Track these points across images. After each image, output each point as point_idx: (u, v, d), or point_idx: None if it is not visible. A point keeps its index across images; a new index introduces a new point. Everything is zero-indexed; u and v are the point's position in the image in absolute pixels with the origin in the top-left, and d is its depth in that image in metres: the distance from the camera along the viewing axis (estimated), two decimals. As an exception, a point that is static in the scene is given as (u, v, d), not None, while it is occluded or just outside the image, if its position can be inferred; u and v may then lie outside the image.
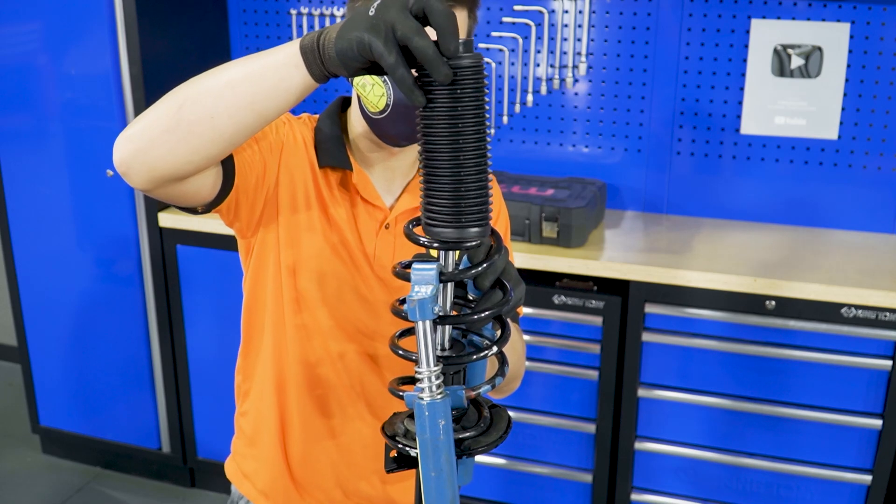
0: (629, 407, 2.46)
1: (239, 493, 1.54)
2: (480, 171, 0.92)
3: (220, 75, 1.02)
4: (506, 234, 1.49)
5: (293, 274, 1.36)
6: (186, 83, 1.05)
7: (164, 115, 1.05)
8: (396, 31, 0.84)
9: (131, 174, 1.09)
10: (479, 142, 0.92)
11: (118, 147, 1.09)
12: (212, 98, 1.01)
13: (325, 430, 1.44)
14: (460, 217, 0.91)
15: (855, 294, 2.20)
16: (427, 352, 0.92)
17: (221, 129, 1.02)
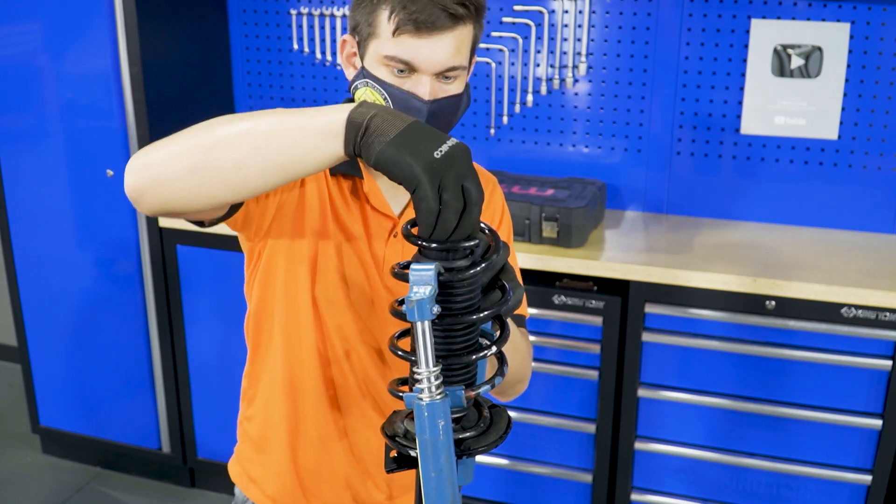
0: (629, 407, 2.46)
1: (244, 497, 1.53)
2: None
3: (257, 124, 0.99)
4: (508, 237, 1.49)
5: (307, 280, 1.35)
6: (220, 122, 1.02)
7: (192, 153, 1.01)
8: (447, 189, 0.88)
9: (142, 202, 1.06)
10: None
11: (133, 172, 1.04)
12: (245, 148, 0.99)
13: (336, 436, 1.43)
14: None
15: (855, 294, 2.19)
16: (426, 352, 0.92)
17: (246, 181, 1.01)
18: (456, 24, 1.22)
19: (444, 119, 1.29)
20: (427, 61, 1.23)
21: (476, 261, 0.97)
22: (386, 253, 1.37)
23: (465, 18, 1.23)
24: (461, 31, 1.23)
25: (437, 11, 1.20)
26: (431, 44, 1.22)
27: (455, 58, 1.24)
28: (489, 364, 1.08)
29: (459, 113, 1.33)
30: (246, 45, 3.09)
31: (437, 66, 1.24)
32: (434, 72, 1.24)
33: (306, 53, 3.03)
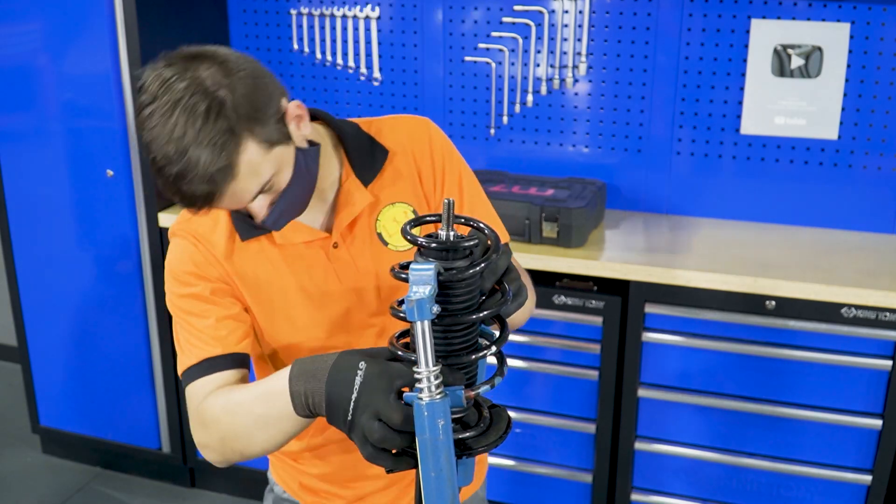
0: (629, 407, 2.46)
1: (281, 489, 1.59)
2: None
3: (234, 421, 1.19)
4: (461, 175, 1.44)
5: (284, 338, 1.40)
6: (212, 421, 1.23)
7: (216, 449, 1.24)
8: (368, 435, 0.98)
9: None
10: None
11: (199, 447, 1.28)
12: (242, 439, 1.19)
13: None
14: None
15: (855, 294, 2.19)
16: (426, 352, 0.92)
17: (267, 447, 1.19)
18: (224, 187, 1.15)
19: (295, 201, 1.26)
20: (232, 207, 1.22)
21: (475, 261, 0.97)
22: (334, 269, 1.36)
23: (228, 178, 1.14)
24: (239, 176, 1.16)
25: (193, 198, 1.16)
26: (221, 204, 1.19)
27: (254, 186, 1.18)
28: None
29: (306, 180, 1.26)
30: (246, 46, 3.09)
31: (243, 204, 1.21)
32: (247, 204, 1.21)
33: (306, 53, 3.03)
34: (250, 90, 1.17)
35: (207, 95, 1.13)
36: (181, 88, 1.13)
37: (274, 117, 1.20)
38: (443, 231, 0.96)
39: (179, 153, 1.12)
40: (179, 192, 1.16)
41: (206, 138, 1.12)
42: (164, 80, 1.15)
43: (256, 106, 1.17)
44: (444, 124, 2.95)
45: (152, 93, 1.15)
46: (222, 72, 1.15)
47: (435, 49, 2.89)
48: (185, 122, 1.11)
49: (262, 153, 1.17)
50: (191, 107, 1.12)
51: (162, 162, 1.14)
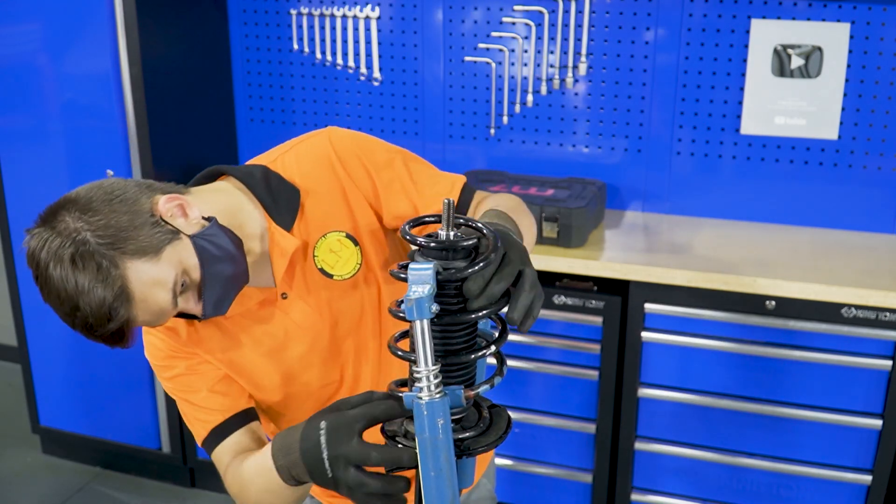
0: (629, 407, 2.46)
1: None
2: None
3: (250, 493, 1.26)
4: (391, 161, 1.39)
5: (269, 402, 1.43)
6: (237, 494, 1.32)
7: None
8: (350, 485, 1.03)
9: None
10: None
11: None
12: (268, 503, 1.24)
13: None
14: None
15: (855, 294, 2.19)
16: (425, 351, 0.92)
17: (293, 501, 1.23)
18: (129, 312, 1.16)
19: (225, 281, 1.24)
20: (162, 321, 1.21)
21: (475, 260, 0.97)
22: (287, 317, 1.36)
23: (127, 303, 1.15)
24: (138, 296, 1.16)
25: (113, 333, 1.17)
26: (146, 324, 1.20)
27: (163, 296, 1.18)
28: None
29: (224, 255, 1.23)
30: (246, 45, 3.09)
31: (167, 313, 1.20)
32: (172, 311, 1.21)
33: (306, 53, 3.03)
34: (107, 216, 1.17)
35: (71, 244, 1.14)
36: (48, 244, 1.15)
37: (146, 226, 1.18)
38: (442, 231, 0.96)
39: (73, 307, 1.15)
40: (98, 336, 1.18)
41: (87, 282, 1.13)
42: (37, 241, 1.17)
43: (119, 227, 1.16)
44: (444, 124, 2.95)
45: (33, 259, 1.17)
46: (77, 214, 1.18)
47: (435, 49, 2.89)
48: (62, 278, 1.13)
49: (148, 265, 1.16)
50: (59, 260, 1.13)
51: (67, 320, 1.18)
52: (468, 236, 0.97)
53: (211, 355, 1.37)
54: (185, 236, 1.20)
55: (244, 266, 1.27)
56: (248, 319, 1.36)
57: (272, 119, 3.14)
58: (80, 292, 1.13)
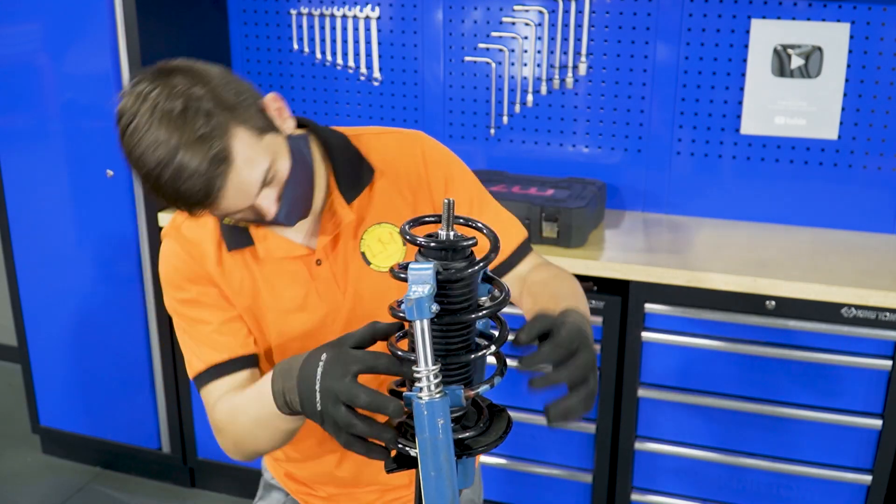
0: (629, 407, 2.46)
1: (270, 475, 1.63)
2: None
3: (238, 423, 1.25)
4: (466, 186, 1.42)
5: (271, 353, 1.42)
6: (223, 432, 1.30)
7: (233, 451, 1.31)
8: (338, 421, 1.00)
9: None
10: None
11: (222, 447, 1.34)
12: (249, 440, 1.25)
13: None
14: None
15: (855, 294, 2.19)
16: (425, 351, 0.92)
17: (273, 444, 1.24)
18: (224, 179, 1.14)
19: (301, 191, 1.26)
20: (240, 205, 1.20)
21: (474, 260, 0.97)
22: (316, 287, 1.36)
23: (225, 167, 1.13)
24: (237, 163, 1.15)
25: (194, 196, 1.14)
26: (226, 200, 1.17)
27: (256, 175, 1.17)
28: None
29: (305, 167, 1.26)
30: (246, 45, 3.09)
31: (251, 198, 1.19)
32: (254, 199, 1.20)
33: (306, 53, 3.03)
34: (224, 83, 1.17)
35: (184, 96, 1.13)
36: (155, 95, 1.13)
37: (254, 107, 1.19)
38: (442, 231, 0.96)
39: (172, 153, 1.11)
40: (179, 194, 1.14)
41: (194, 133, 1.11)
42: (137, 94, 1.15)
43: (234, 97, 1.16)
44: (444, 124, 2.95)
45: (129, 111, 1.15)
46: (192, 74, 1.16)
47: (435, 49, 2.89)
48: (167, 124, 1.11)
49: (253, 140, 1.16)
50: (169, 110, 1.11)
51: (156, 170, 1.13)
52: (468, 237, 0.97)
53: (230, 292, 1.35)
54: (281, 134, 1.23)
55: (312, 190, 1.30)
56: (277, 272, 1.35)
57: (272, 119, 3.13)
58: (186, 141, 1.11)
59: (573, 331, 1.01)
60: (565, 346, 1.00)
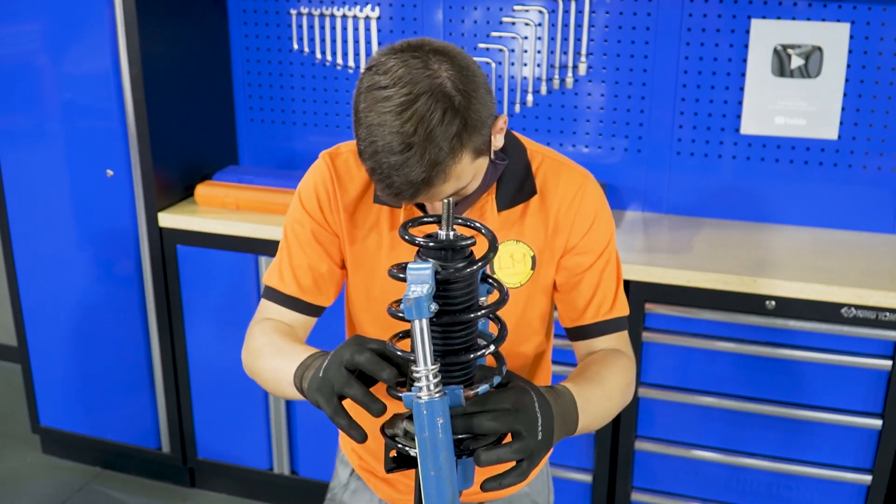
0: (629, 407, 2.46)
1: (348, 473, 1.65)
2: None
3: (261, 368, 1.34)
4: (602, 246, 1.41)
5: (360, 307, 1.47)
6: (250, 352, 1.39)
7: (245, 365, 1.41)
8: (334, 387, 1.05)
9: None
10: None
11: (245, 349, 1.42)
12: (262, 383, 1.35)
13: None
14: None
15: (855, 294, 2.19)
16: (424, 350, 0.92)
17: (275, 394, 1.33)
18: (435, 187, 1.16)
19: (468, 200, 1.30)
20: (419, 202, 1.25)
21: (473, 259, 0.97)
22: None
23: (440, 180, 1.15)
24: (450, 179, 1.16)
25: (405, 190, 1.16)
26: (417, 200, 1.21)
27: (451, 190, 1.19)
28: None
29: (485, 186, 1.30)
30: (246, 45, 3.09)
31: (429, 202, 1.25)
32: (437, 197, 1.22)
33: (306, 53, 3.03)
34: (481, 102, 1.17)
35: (446, 99, 1.12)
36: (423, 84, 1.12)
37: (485, 128, 1.19)
38: (442, 231, 0.96)
39: (405, 146, 1.12)
40: (387, 181, 1.15)
41: (434, 141, 1.12)
42: (409, 68, 1.13)
43: (482, 118, 1.17)
44: (444, 124, 2.94)
45: (393, 77, 1.13)
46: (461, 77, 1.15)
47: (435, 49, 2.89)
48: (419, 119, 1.11)
49: (469, 161, 1.18)
50: (429, 107, 1.11)
51: (383, 150, 1.13)
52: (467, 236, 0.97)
53: (348, 234, 1.40)
54: (488, 156, 1.24)
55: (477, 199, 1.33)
56: (398, 240, 1.37)
57: (272, 119, 3.14)
58: (424, 143, 1.12)
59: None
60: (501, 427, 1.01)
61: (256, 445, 2.92)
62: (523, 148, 1.38)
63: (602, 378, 1.31)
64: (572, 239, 1.38)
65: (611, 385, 1.31)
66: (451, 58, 1.16)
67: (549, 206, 1.37)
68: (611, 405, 1.31)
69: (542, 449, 1.04)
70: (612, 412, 1.32)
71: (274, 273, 1.44)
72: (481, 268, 0.97)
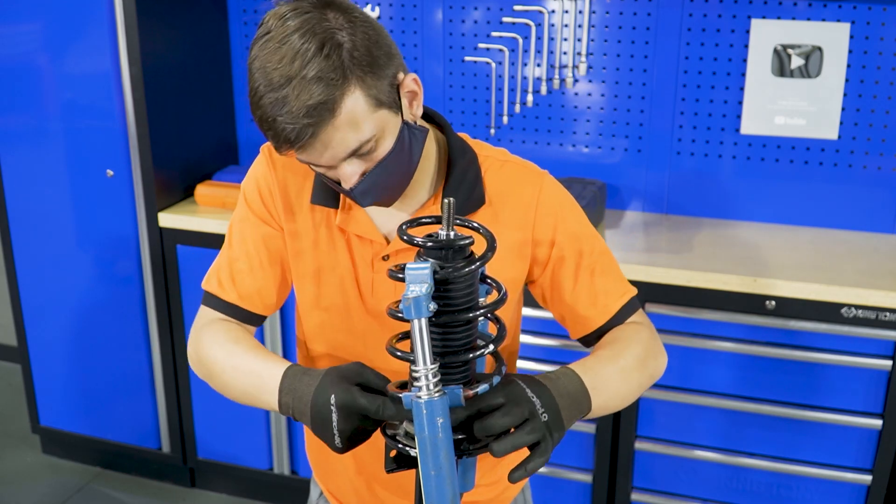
0: (629, 407, 2.46)
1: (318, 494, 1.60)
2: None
3: (224, 372, 1.27)
4: (577, 230, 1.34)
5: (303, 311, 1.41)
6: (203, 353, 1.31)
7: (200, 375, 1.34)
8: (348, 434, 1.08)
9: None
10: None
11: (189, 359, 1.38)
12: (223, 387, 1.29)
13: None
14: None
15: (855, 294, 2.19)
16: (423, 350, 0.92)
17: (241, 403, 1.28)
18: (321, 128, 1.10)
19: (390, 179, 1.21)
20: (324, 161, 1.15)
21: (473, 259, 0.97)
22: (373, 278, 1.32)
23: (328, 117, 1.09)
24: (338, 120, 1.10)
25: (290, 131, 1.10)
26: (313, 150, 1.13)
27: (350, 141, 1.13)
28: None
29: (407, 161, 1.22)
30: (246, 46, 3.09)
31: (335, 160, 1.15)
32: (339, 163, 1.16)
33: (306, 53, 3.02)
34: (370, 42, 1.13)
35: (325, 34, 1.09)
36: (300, 22, 1.09)
37: (388, 79, 1.16)
38: (442, 231, 0.96)
39: (284, 80, 1.08)
40: (274, 125, 1.11)
41: (315, 71, 1.08)
42: (283, 15, 1.11)
43: (373, 59, 1.13)
44: (444, 124, 2.95)
45: (269, 26, 1.12)
46: (346, 19, 1.12)
47: (435, 49, 2.89)
48: (296, 52, 1.08)
49: (367, 107, 1.12)
50: (306, 40, 1.08)
51: (263, 90, 1.10)
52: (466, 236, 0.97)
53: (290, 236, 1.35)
54: (400, 117, 1.19)
55: (404, 185, 1.25)
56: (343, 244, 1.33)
57: (272, 119, 3.13)
58: (304, 76, 1.07)
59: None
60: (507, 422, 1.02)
61: (256, 445, 2.92)
62: (473, 155, 1.33)
63: (615, 354, 1.28)
64: (539, 234, 1.32)
65: (626, 360, 1.27)
66: (334, 4, 1.13)
67: (503, 210, 1.32)
68: (631, 379, 1.27)
69: (556, 429, 1.05)
70: (635, 387, 1.27)
71: (213, 277, 1.37)
72: (480, 267, 0.97)
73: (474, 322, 1.00)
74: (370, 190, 1.20)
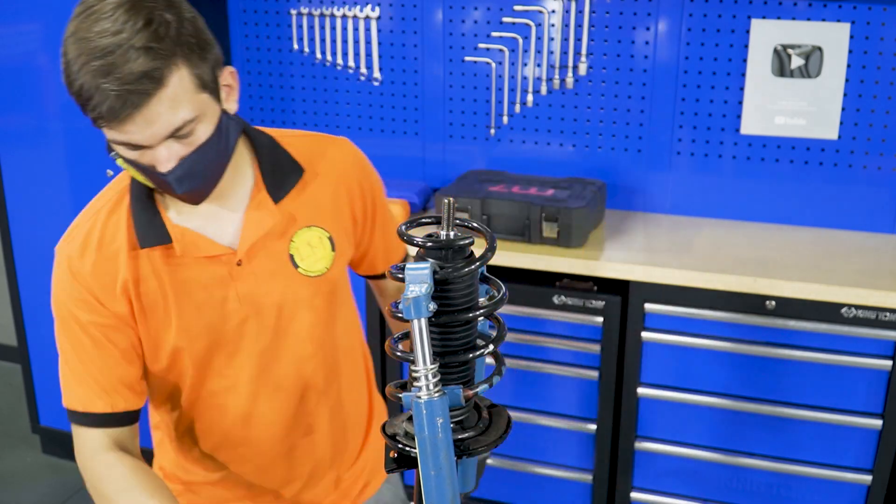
0: (629, 407, 2.46)
1: None
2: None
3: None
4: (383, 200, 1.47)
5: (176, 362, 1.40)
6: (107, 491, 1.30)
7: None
8: None
9: None
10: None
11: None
12: None
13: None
14: None
15: (855, 294, 2.19)
16: (423, 350, 0.92)
17: None
18: (147, 98, 1.09)
19: (207, 167, 1.20)
20: (143, 139, 1.14)
21: (472, 259, 0.97)
22: (236, 288, 1.32)
23: (154, 88, 1.09)
24: (164, 93, 1.10)
25: (115, 99, 1.09)
26: (134, 125, 1.12)
27: (173, 118, 1.12)
28: None
29: (224, 149, 1.22)
30: (246, 46, 3.09)
31: (156, 138, 1.14)
32: (158, 142, 1.15)
33: (306, 53, 3.03)
34: (195, 28, 1.15)
35: (151, 12, 1.10)
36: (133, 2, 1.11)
37: (211, 63, 1.17)
38: (442, 231, 0.96)
39: (112, 47, 1.08)
40: (97, 94, 1.09)
41: (143, 42, 1.08)
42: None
43: (199, 40, 1.14)
44: (444, 124, 2.95)
45: (88, 3, 1.15)
46: (170, 6, 1.13)
47: (435, 49, 2.89)
48: (123, 23, 1.08)
49: (191, 86, 1.13)
50: (131, 15, 1.09)
51: (86, 58, 1.10)
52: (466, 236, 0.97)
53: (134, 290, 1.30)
54: (219, 106, 1.20)
55: (219, 175, 1.25)
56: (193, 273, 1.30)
57: (272, 119, 3.14)
58: (132, 45, 1.07)
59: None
60: None
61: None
62: (271, 137, 1.36)
63: None
64: (367, 199, 1.40)
65: None
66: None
67: (328, 181, 1.36)
68: None
69: None
70: None
71: (72, 393, 1.32)
72: (480, 267, 0.97)
73: (474, 322, 1.00)
74: (186, 176, 1.19)
